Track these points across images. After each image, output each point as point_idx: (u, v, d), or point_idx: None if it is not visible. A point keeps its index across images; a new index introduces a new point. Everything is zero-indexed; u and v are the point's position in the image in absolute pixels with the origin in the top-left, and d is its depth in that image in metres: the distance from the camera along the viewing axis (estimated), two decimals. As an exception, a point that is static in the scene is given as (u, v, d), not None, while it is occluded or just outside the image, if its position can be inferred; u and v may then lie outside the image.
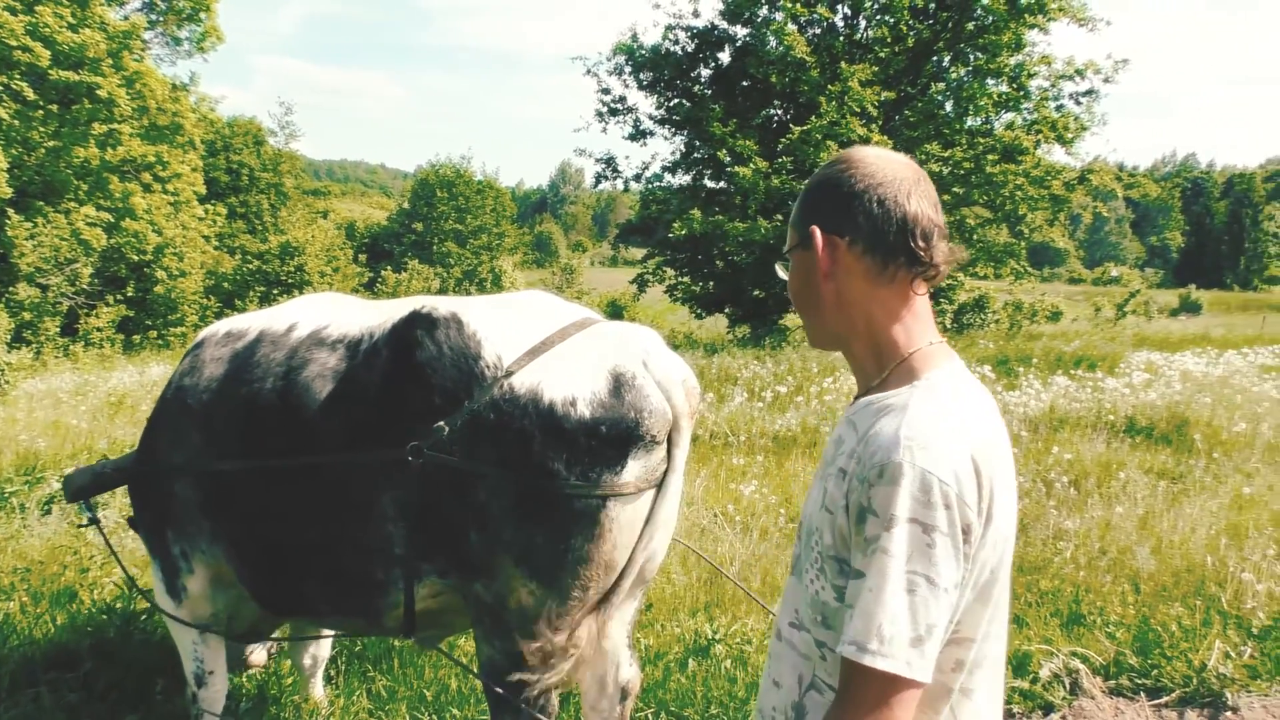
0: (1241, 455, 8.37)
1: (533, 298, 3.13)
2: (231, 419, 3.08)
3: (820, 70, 20.26)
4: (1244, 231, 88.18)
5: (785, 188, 19.61)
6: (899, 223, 1.55)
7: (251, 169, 39.33)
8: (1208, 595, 5.24)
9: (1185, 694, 4.42)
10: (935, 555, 1.35)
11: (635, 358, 2.80)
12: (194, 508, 3.20)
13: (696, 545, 5.95)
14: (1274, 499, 6.97)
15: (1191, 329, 27.64)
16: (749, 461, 8.23)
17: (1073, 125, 21.34)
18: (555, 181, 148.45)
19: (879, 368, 1.60)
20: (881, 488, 1.38)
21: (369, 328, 3.00)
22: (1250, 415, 9.51)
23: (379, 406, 2.81)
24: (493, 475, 2.65)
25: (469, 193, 50.62)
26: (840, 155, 1.65)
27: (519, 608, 2.77)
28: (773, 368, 13.29)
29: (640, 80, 23.33)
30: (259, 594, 3.22)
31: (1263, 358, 14.42)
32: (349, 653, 4.53)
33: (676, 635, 4.77)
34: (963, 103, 21.39)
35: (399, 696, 4.13)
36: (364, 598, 2.97)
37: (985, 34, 20.73)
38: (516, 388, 2.67)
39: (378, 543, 2.84)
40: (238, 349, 3.23)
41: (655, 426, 2.73)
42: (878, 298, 1.58)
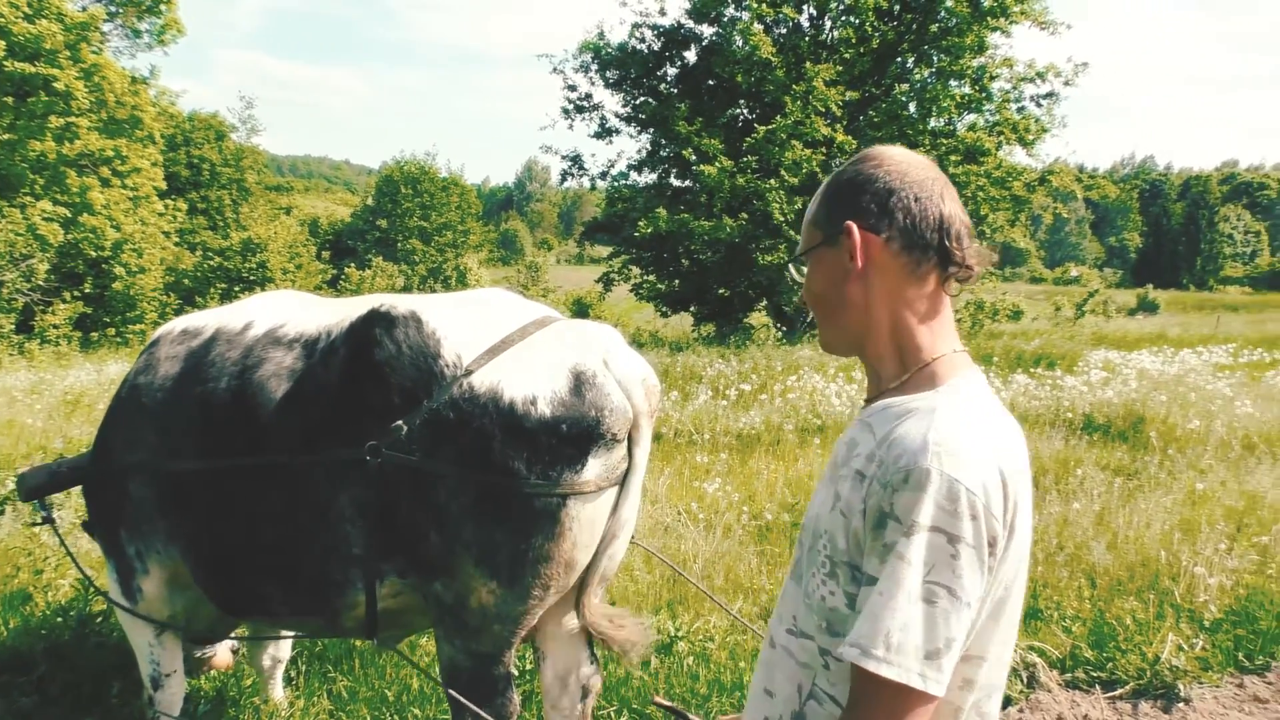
0: (1195, 452, 8.53)
1: (493, 296, 3.12)
2: (187, 418, 3.04)
3: (785, 70, 20.35)
4: (1200, 232, 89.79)
5: (750, 186, 19.69)
6: (936, 221, 1.52)
7: (213, 164, 38.81)
8: (1161, 589, 5.34)
9: (1139, 686, 4.50)
10: (959, 566, 1.30)
11: (596, 356, 2.80)
12: (149, 508, 3.16)
13: (660, 543, 5.97)
14: (1226, 494, 7.11)
15: (1148, 328, 28.10)
16: (713, 459, 8.27)
17: (1033, 127, 21.63)
18: (521, 179, 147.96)
19: (899, 370, 1.55)
20: (906, 493, 1.32)
21: (326, 326, 2.97)
22: (1204, 413, 9.69)
23: (336, 406, 2.79)
24: (452, 474, 2.65)
25: (434, 189, 50.35)
26: (867, 153, 1.60)
27: (480, 607, 2.77)
28: (737, 366, 13.35)
29: (606, 78, 23.31)
30: (215, 595, 3.18)
31: (1217, 356, 14.69)
32: (309, 653, 4.49)
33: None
34: (926, 104, 21.57)
35: (360, 697, 4.10)
36: (322, 598, 2.95)
37: (948, 36, 20.92)
38: (476, 386, 2.67)
39: (336, 543, 2.82)
40: (193, 347, 3.19)
41: (616, 425, 2.74)
42: (906, 298, 1.54)
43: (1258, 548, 5.92)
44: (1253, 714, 4.36)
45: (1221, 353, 15.17)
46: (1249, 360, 14.51)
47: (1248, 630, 4.96)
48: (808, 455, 8.48)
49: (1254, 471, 7.82)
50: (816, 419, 9.98)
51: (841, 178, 1.59)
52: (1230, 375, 12.39)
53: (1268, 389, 11.34)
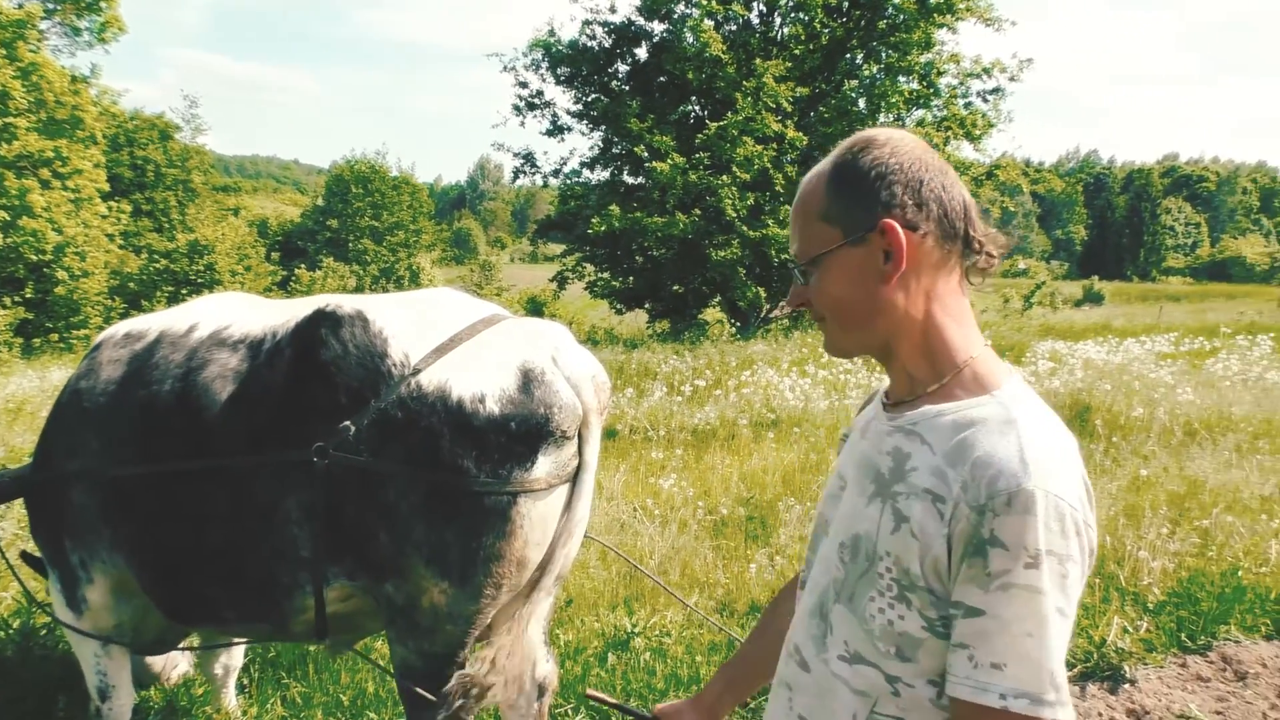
0: (1139, 439, 8.72)
1: (440, 295, 3.10)
2: (130, 423, 2.99)
3: (736, 67, 20.46)
4: (1143, 225, 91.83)
5: (702, 183, 19.76)
6: (961, 209, 1.40)
7: (157, 165, 38.08)
8: (1107, 574, 5.45)
9: (1086, 669, 4.60)
10: (1068, 585, 1.23)
11: (544, 353, 2.80)
12: (93, 515, 3.09)
13: (616, 540, 5.98)
14: (1169, 480, 7.28)
15: (1094, 318, 28.69)
16: (668, 455, 8.29)
17: (980, 122, 21.96)
18: (474, 177, 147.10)
19: (933, 373, 1.42)
20: (1012, 518, 1.22)
21: (272, 327, 2.94)
22: (1147, 400, 9.91)
23: (283, 407, 2.76)
24: (401, 474, 2.63)
25: (385, 189, 49.84)
26: (871, 139, 1.44)
27: (431, 607, 2.76)
28: (691, 362, 13.40)
29: (558, 75, 23.25)
30: (162, 603, 3.13)
31: (1160, 345, 15.02)
32: (262, 660, 4.43)
33: (596, 630, 4.79)
34: (875, 100, 21.80)
35: (315, 702, 4.06)
36: (270, 603, 2.92)
37: (896, 32, 21.16)
38: (424, 385, 2.65)
39: (283, 546, 2.79)
40: (136, 351, 3.13)
41: (565, 422, 2.74)
42: (938, 297, 1.42)
43: (1199, 531, 6.07)
44: (1195, 692, 4.47)
45: (1164, 342, 15.53)
46: (1190, 349, 14.85)
47: (1189, 612, 5.08)
48: (762, 450, 8.53)
49: (1195, 457, 8.01)
50: (771, 413, 10.05)
51: (857, 166, 1.42)
52: (1172, 364, 12.69)
53: (1208, 376, 11.61)
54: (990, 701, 1.23)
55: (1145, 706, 4.32)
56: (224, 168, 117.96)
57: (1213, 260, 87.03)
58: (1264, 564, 5.64)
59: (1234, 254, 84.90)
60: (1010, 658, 1.23)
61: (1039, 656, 1.22)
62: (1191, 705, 4.29)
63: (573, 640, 4.65)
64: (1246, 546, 5.85)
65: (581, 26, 23.03)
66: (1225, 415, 9.53)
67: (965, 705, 1.27)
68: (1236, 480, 7.24)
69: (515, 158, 24.46)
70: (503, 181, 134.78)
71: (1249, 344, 13.45)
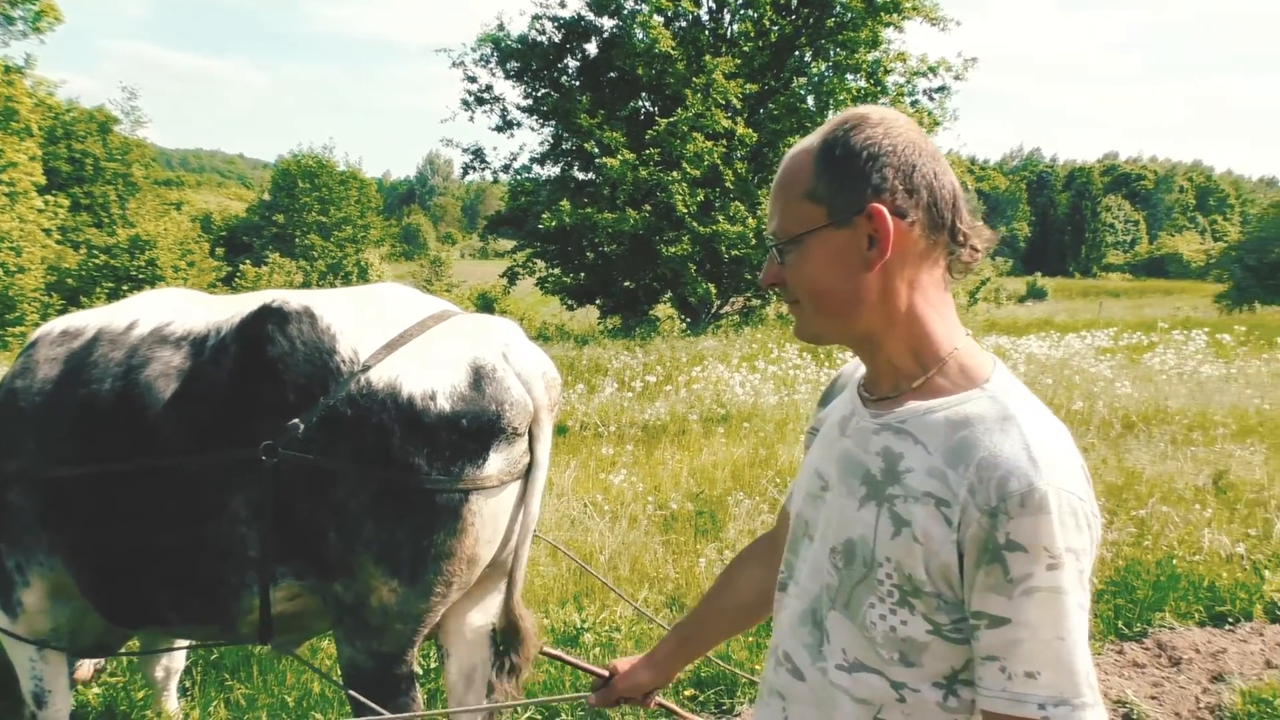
0: (1079, 432, 8.92)
1: (389, 290, 3.07)
2: (68, 423, 2.91)
3: (686, 63, 20.51)
4: (1084, 222, 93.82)
5: (653, 179, 19.79)
6: (951, 199, 1.35)
7: (96, 158, 37.18)
8: (1047, 564, 5.56)
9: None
10: (1085, 580, 1.21)
11: (495, 350, 2.79)
12: (30, 518, 3.01)
13: (566, 536, 5.98)
14: (1107, 472, 7.46)
15: (1037, 314, 29.28)
16: (618, 451, 8.30)
17: (926, 120, 22.26)
18: (423, 172, 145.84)
19: (917, 367, 1.37)
20: (1026, 519, 1.18)
21: (216, 324, 2.89)
22: (1087, 394, 10.15)
23: (228, 405, 2.71)
24: (351, 472, 2.60)
25: (333, 184, 49.14)
26: (864, 117, 1.36)
27: (381, 606, 2.73)
28: (642, 358, 13.44)
29: (507, 70, 23.11)
30: (102, 606, 3.06)
31: (1099, 340, 15.36)
32: (205, 662, 4.37)
33: (546, 626, 4.79)
34: (824, 97, 21.98)
35: (259, 704, 4.00)
36: (217, 604, 2.87)
37: (844, 30, 21.36)
38: (374, 382, 2.63)
39: (230, 546, 2.74)
40: (74, 348, 3.05)
41: (517, 418, 2.73)
42: (922, 287, 1.37)
43: (1135, 521, 6.24)
44: (1132, 678, 4.59)
45: (1103, 337, 15.88)
46: (1128, 343, 15.20)
47: (1126, 600, 5.21)
48: (712, 445, 8.58)
49: (1132, 449, 8.22)
50: (721, 409, 10.11)
51: (849, 144, 1.34)
52: (1111, 358, 12.99)
53: (1145, 370, 11.91)
54: (1030, 713, 1.20)
55: (1083, 693, 4.42)
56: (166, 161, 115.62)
57: (1151, 257, 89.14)
58: (1197, 553, 5.81)
59: (1171, 251, 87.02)
60: (1043, 665, 1.19)
61: (1071, 659, 1.19)
62: (1128, 691, 4.40)
63: (522, 637, 4.64)
64: (1180, 536, 6.02)
65: (531, 21, 22.92)
66: (1161, 408, 9.79)
67: (1003, 719, 1.23)
68: (1171, 471, 7.45)
69: (465, 153, 24.29)
70: (452, 177, 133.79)
71: (1184, 339, 13.81)
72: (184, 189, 56.92)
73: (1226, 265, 43.81)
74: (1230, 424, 9.12)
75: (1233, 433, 8.89)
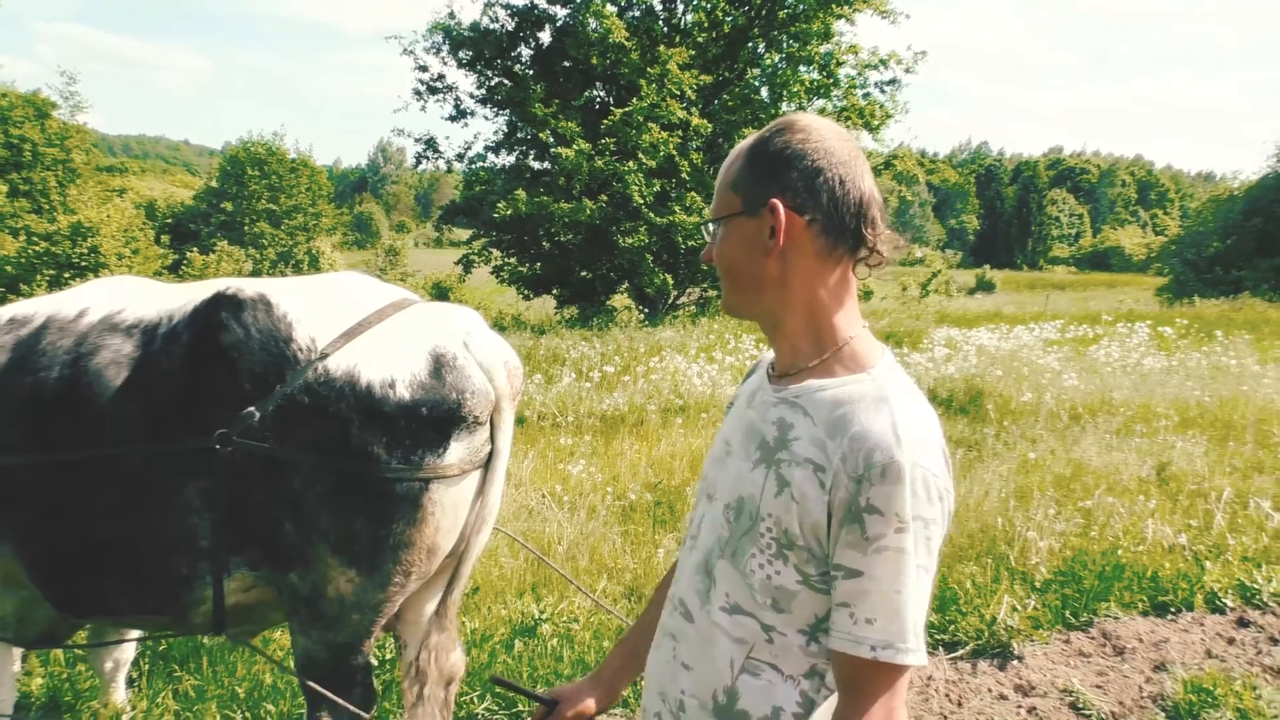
0: (1028, 423, 9.10)
1: (347, 279, 3.05)
2: (15, 411, 2.86)
3: (640, 53, 20.49)
4: (1030, 215, 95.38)
5: (609, 169, 19.77)
6: (856, 205, 1.51)
7: (34, 143, 36.20)
8: (998, 554, 5.69)
9: (978, 646, 4.80)
10: (932, 546, 1.39)
11: (456, 338, 2.78)
12: None
13: (524, 526, 5.98)
14: (1055, 462, 7.62)
15: (987, 306, 29.75)
16: (577, 441, 8.31)
17: (879, 113, 22.51)
18: (375, 160, 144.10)
19: (816, 349, 1.55)
20: (884, 487, 1.36)
21: (168, 311, 2.84)
22: (1035, 385, 10.34)
23: (181, 393, 2.68)
24: (308, 461, 2.59)
25: (283, 171, 48.38)
26: (793, 122, 1.56)
27: (337, 596, 2.72)
28: (600, 348, 13.44)
29: (459, 59, 22.90)
30: (53, 595, 3.01)
31: (1047, 332, 15.64)
32: (153, 653, 4.30)
33: (503, 617, 4.79)
34: (777, 88, 22.12)
35: (209, 695, 3.96)
36: (169, 595, 2.84)
37: (796, 22, 21.49)
38: (332, 370, 2.61)
39: (182, 536, 2.71)
40: (22, 336, 2.98)
41: (478, 407, 2.72)
42: (823, 279, 1.54)
43: (1082, 511, 6.38)
44: (1078, 667, 4.71)
45: (1051, 329, 16.18)
46: (1074, 335, 15.50)
47: (1073, 590, 5.34)
48: (670, 435, 8.62)
49: (1079, 440, 8.40)
50: (679, 399, 10.16)
51: (768, 147, 1.55)
52: (1059, 350, 13.24)
53: (1091, 362, 12.16)
54: (863, 654, 1.39)
55: (1031, 682, 4.53)
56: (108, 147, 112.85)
57: (1095, 250, 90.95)
58: (1141, 543, 5.96)
59: (1114, 244, 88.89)
60: (880, 613, 1.38)
61: (903, 611, 1.37)
62: (1074, 680, 4.52)
63: (479, 628, 4.64)
64: (1125, 526, 6.17)
65: (483, 8, 22.73)
66: (1107, 400, 10.01)
67: (843, 658, 1.42)
68: (1117, 462, 7.62)
69: (417, 143, 24.07)
70: (405, 165, 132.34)
71: (1128, 331, 14.11)
72: (127, 175, 55.58)
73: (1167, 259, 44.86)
74: (1172, 416, 9.35)
75: (1174, 424, 9.12)
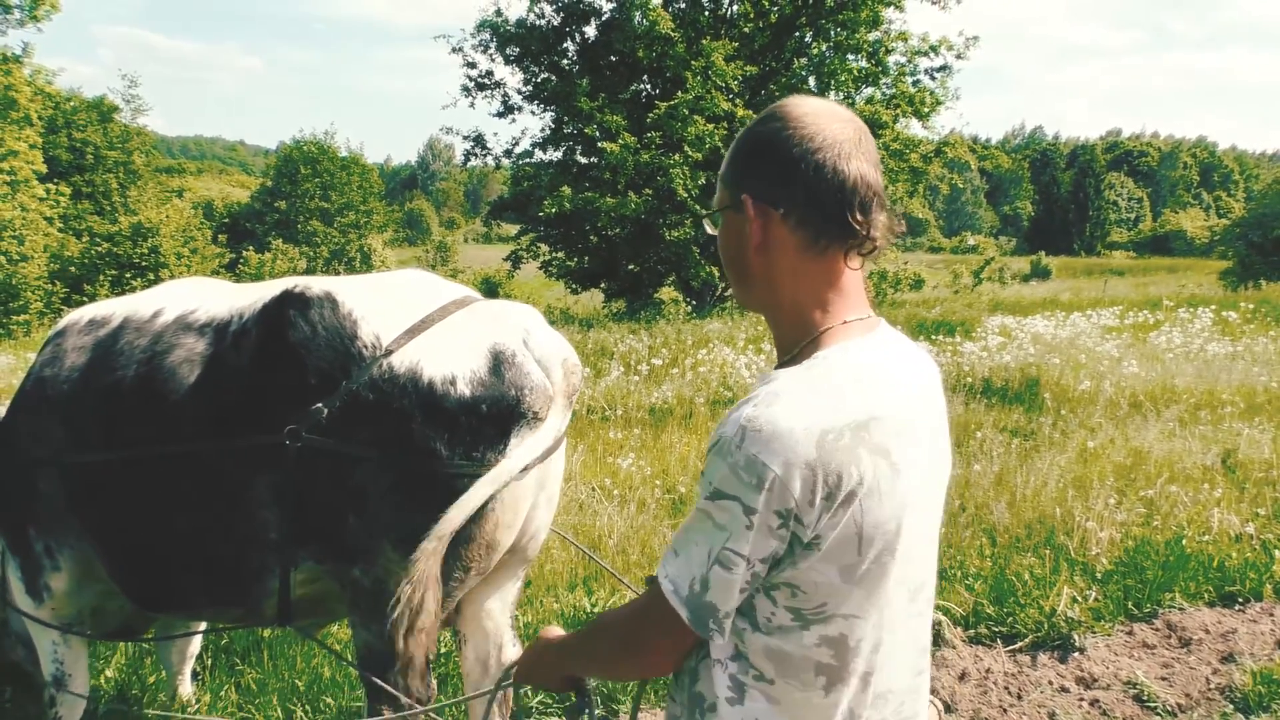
0: (1086, 411, 8.91)
1: (412, 277, 3.08)
2: (95, 409, 2.96)
3: (686, 45, 20.42)
4: (1088, 200, 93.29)
5: (654, 162, 19.74)
6: (837, 193, 1.46)
7: (97, 146, 37.13)
8: (1056, 545, 5.58)
9: (1037, 638, 4.71)
10: (746, 530, 1.40)
11: (515, 335, 2.79)
12: (60, 503, 3.06)
13: (575, 520, 6.00)
14: (1114, 451, 7.45)
15: (1041, 293, 29.23)
16: (626, 435, 8.31)
17: (929, 100, 22.18)
18: (424, 158, 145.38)
19: (794, 342, 1.55)
20: (711, 456, 1.44)
21: (238, 309, 2.91)
22: (1094, 373, 10.12)
23: (251, 390, 2.73)
24: (373, 457, 2.61)
25: (334, 169, 49.03)
26: (777, 110, 1.52)
27: (399, 590, 2.74)
28: (648, 341, 13.43)
29: (507, 55, 23.04)
30: (132, 590, 3.10)
31: (1105, 319, 15.31)
32: (215, 647, 4.39)
33: (556, 611, 4.80)
34: (824, 78, 21.92)
35: (270, 689, 4.02)
36: (241, 587, 2.90)
37: (844, 10, 21.26)
38: (395, 367, 2.63)
39: (252, 530, 2.77)
40: (100, 336, 3.10)
41: (536, 403, 2.73)
42: (806, 272, 1.52)
43: (1144, 501, 6.23)
44: (1141, 659, 4.60)
45: (1109, 315, 15.83)
46: (1134, 322, 15.15)
47: (1136, 580, 5.21)
48: (719, 428, 8.57)
49: (1140, 429, 8.21)
50: (728, 391, 10.11)
51: (749, 137, 1.55)
52: (1117, 336, 12.96)
53: (1151, 349, 11.88)
54: (661, 577, 1.50)
55: (1093, 674, 4.43)
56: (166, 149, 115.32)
57: (1155, 234, 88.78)
58: (1206, 533, 5.81)
59: (1175, 228, 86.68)
60: (681, 553, 1.47)
61: (691, 563, 1.45)
62: (1138, 672, 4.41)
63: (533, 622, 4.66)
64: (1189, 516, 6.02)
65: (530, 4, 22.82)
66: (1169, 387, 9.77)
67: (654, 577, 1.54)
68: (1179, 450, 7.43)
69: (465, 140, 24.27)
70: (454, 161, 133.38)
71: (1190, 317, 13.77)
72: (185, 176, 56.86)
73: (1231, 242, 43.57)
74: (1238, 402, 9.10)
75: (1240, 411, 8.87)
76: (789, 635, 1.48)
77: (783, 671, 1.50)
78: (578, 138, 22.76)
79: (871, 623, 1.50)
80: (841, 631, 1.48)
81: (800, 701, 1.51)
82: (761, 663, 1.50)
